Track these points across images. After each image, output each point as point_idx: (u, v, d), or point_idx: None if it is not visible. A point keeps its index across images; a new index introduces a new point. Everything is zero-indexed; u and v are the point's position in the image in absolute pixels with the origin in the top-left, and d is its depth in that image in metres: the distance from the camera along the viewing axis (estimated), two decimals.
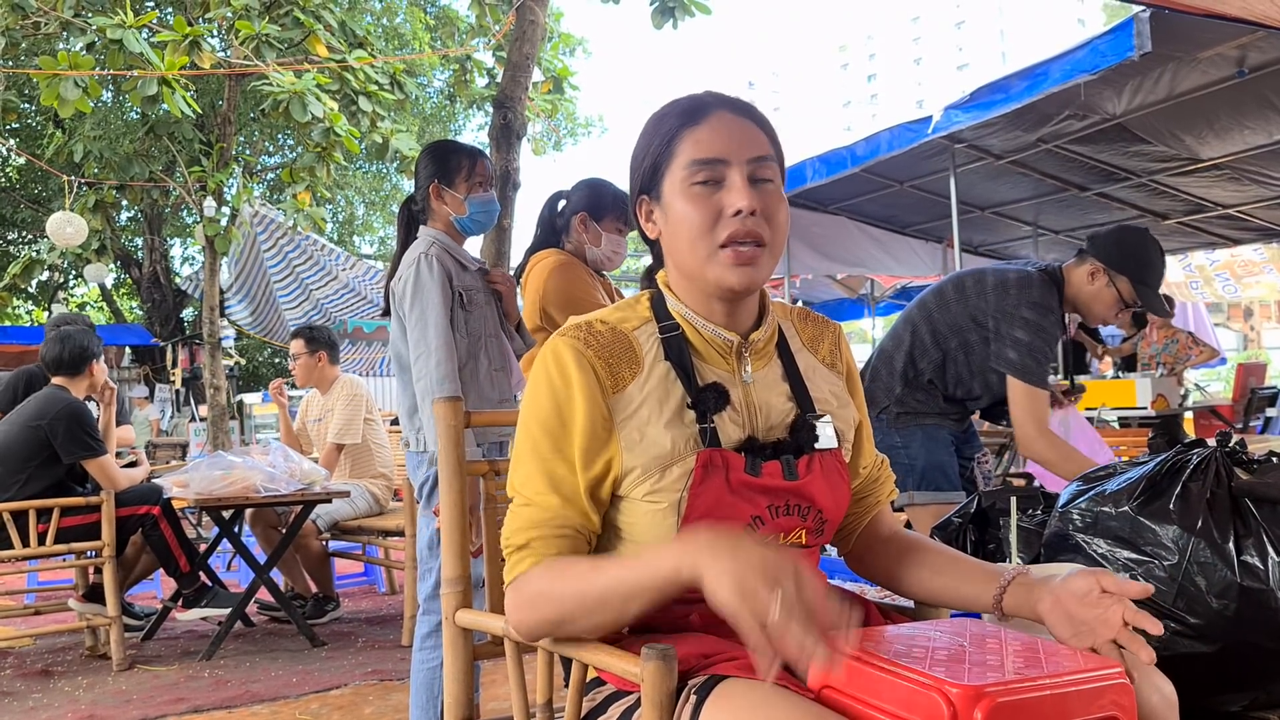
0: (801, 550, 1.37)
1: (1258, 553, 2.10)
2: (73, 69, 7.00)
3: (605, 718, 1.30)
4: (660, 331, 1.36)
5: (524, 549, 1.30)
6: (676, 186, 1.32)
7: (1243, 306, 25.96)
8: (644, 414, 1.30)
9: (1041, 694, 1.01)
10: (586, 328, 1.34)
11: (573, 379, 1.29)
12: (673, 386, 1.32)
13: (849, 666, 1.10)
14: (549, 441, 1.30)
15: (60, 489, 4.21)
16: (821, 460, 1.35)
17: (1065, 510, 2.33)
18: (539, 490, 1.30)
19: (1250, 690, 2.16)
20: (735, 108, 1.34)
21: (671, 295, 1.39)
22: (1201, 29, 4.76)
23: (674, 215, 1.32)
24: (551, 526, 1.29)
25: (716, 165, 1.29)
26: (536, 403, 1.31)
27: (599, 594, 1.21)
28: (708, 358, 1.36)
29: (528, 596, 1.28)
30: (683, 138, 1.32)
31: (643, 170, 1.37)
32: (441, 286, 2.68)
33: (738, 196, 1.28)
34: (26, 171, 16.46)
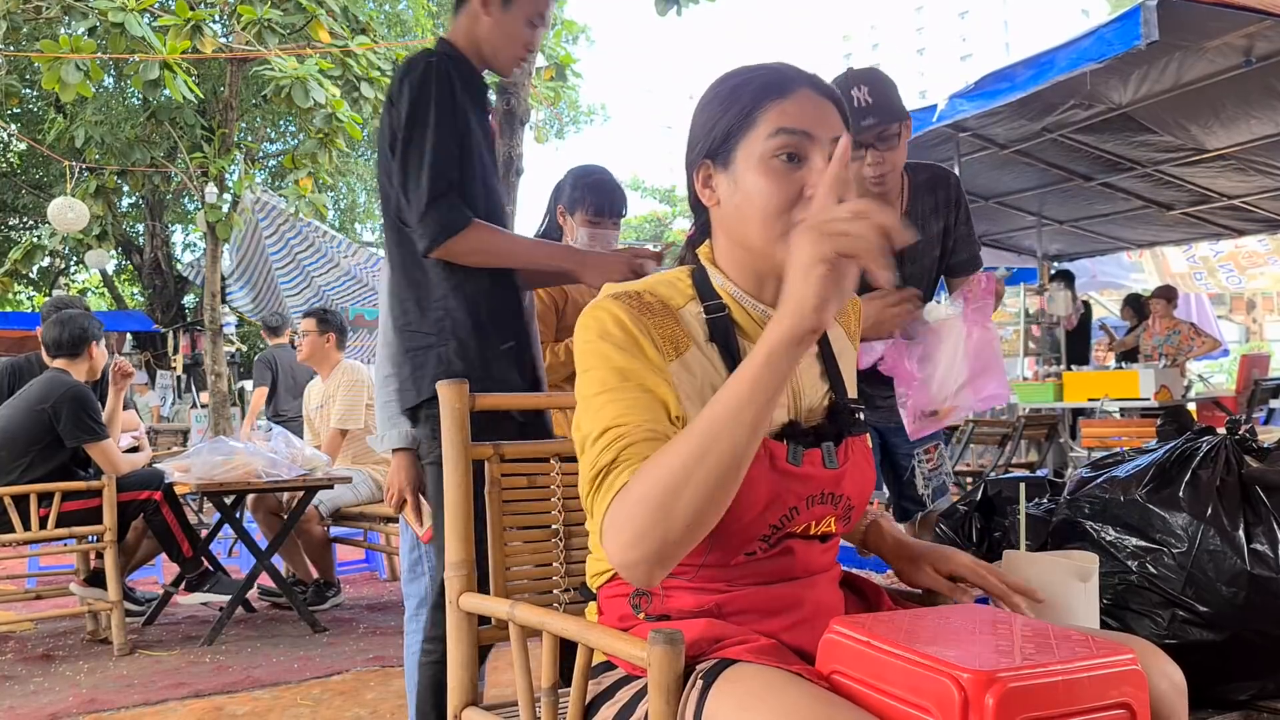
0: (827, 541, 1.36)
1: (1268, 540, 2.10)
2: (74, 53, 6.97)
3: (613, 702, 1.29)
4: (705, 311, 1.32)
5: (614, 465, 1.18)
6: (754, 157, 1.26)
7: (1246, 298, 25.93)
8: (695, 393, 1.26)
9: (1053, 680, 1.00)
10: (638, 297, 1.28)
11: (634, 332, 1.24)
12: (719, 370, 1.29)
13: (858, 651, 1.09)
14: (620, 378, 1.22)
15: (63, 473, 4.20)
16: (854, 446, 1.35)
17: (1074, 497, 2.32)
18: (617, 414, 1.21)
19: (1259, 678, 2.15)
20: (818, 86, 1.30)
21: (717, 271, 1.35)
22: (1209, 18, 4.73)
23: (747, 187, 1.27)
24: (641, 432, 1.19)
25: (803, 139, 1.25)
26: (597, 350, 1.24)
27: (705, 425, 1.09)
28: (754, 337, 1.32)
29: (636, 497, 1.12)
30: (766, 109, 1.27)
31: (712, 135, 1.31)
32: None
33: (820, 178, 1.22)
34: (28, 157, 16.43)
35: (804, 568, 1.33)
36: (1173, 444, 2.33)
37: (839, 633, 1.13)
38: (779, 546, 1.30)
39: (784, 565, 1.31)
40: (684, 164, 1.38)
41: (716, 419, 1.09)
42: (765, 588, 1.30)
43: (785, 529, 1.29)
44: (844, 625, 1.13)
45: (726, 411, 1.09)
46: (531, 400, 2.09)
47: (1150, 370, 7.48)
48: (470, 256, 2.17)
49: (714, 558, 1.26)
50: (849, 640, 1.11)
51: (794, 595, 1.31)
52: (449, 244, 2.14)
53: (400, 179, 2.18)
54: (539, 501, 1.73)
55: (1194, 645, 2.12)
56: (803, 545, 1.32)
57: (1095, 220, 8.90)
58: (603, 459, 1.19)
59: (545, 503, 1.74)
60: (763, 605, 1.29)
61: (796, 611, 1.31)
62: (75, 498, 4.13)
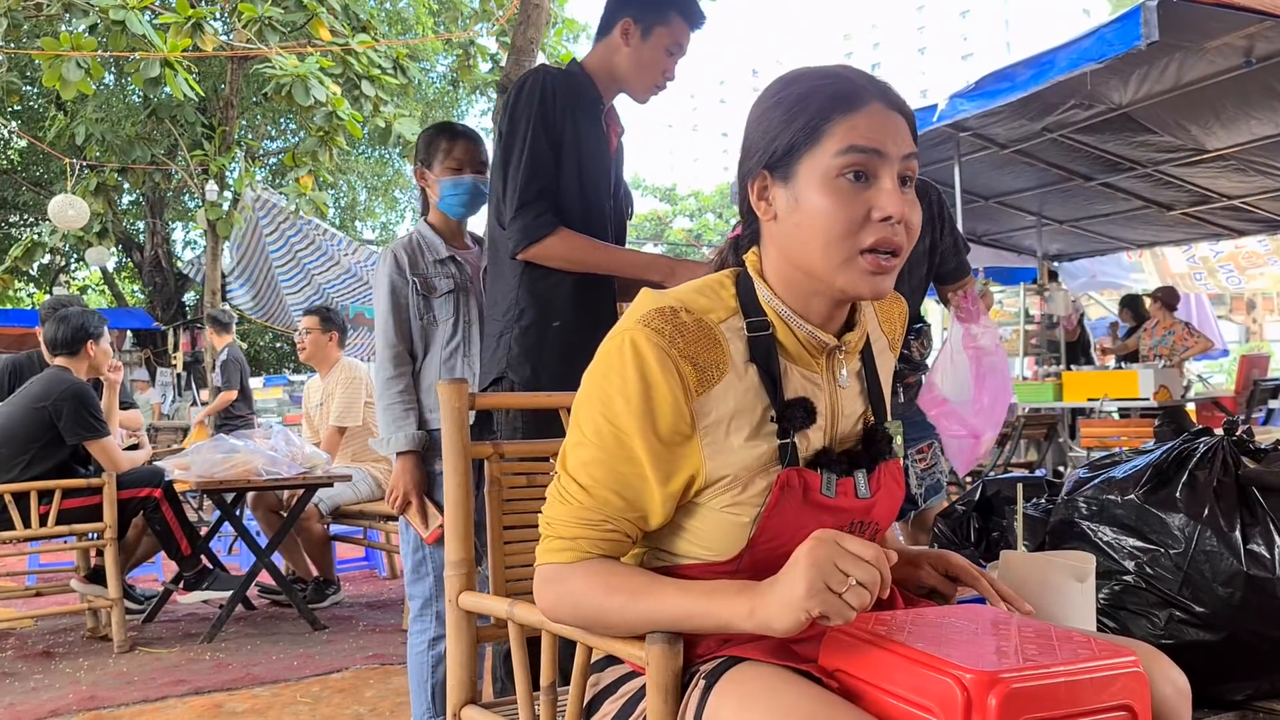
0: None
1: (1264, 541, 2.10)
2: (75, 50, 6.97)
3: (616, 697, 1.29)
4: (748, 329, 1.23)
5: (569, 541, 1.23)
6: (818, 175, 1.18)
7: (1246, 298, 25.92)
8: (727, 421, 1.20)
9: (1055, 681, 1.00)
10: (671, 316, 1.19)
11: (656, 383, 1.17)
12: (758, 393, 1.22)
13: (861, 650, 1.10)
14: (617, 443, 1.19)
15: (63, 470, 4.21)
16: (886, 470, 1.30)
17: (1071, 498, 2.33)
18: (598, 483, 1.21)
19: (1255, 679, 2.16)
20: (889, 99, 1.21)
21: (764, 285, 1.25)
22: (1209, 19, 4.73)
23: (810, 206, 1.18)
24: (603, 529, 1.22)
25: (873, 157, 1.17)
26: (610, 396, 1.19)
27: (646, 614, 1.16)
28: (797, 357, 1.25)
29: (567, 588, 1.22)
30: (835, 123, 1.18)
31: (773, 146, 1.22)
32: (389, 279, 2.77)
33: (889, 201, 1.16)
34: (28, 154, 16.41)
35: None
36: (1170, 445, 2.34)
37: (842, 631, 1.13)
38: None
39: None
40: (737, 169, 1.30)
41: (657, 621, 1.16)
42: None
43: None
44: (847, 625, 1.13)
45: (667, 623, 1.16)
46: (531, 400, 2.10)
47: (1149, 370, 7.48)
48: (554, 261, 2.32)
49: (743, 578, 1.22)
50: (852, 640, 1.12)
51: None
52: (533, 248, 2.30)
53: (499, 184, 2.37)
54: (539, 501, 1.73)
55: (1190, 645, 2.12)
56: None
57: (1095, 220, 8.90)
58: (562, 530, 1.24)
59: (544, 502, 1.74)
60: None
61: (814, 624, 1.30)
62: (75, 495, 4.14)
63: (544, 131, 2.33)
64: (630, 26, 2.42)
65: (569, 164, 2.37)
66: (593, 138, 2.43)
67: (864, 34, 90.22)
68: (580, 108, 2.40)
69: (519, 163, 2.32)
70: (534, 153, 2.32)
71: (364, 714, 3.24)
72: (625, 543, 1.24)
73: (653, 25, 2.43)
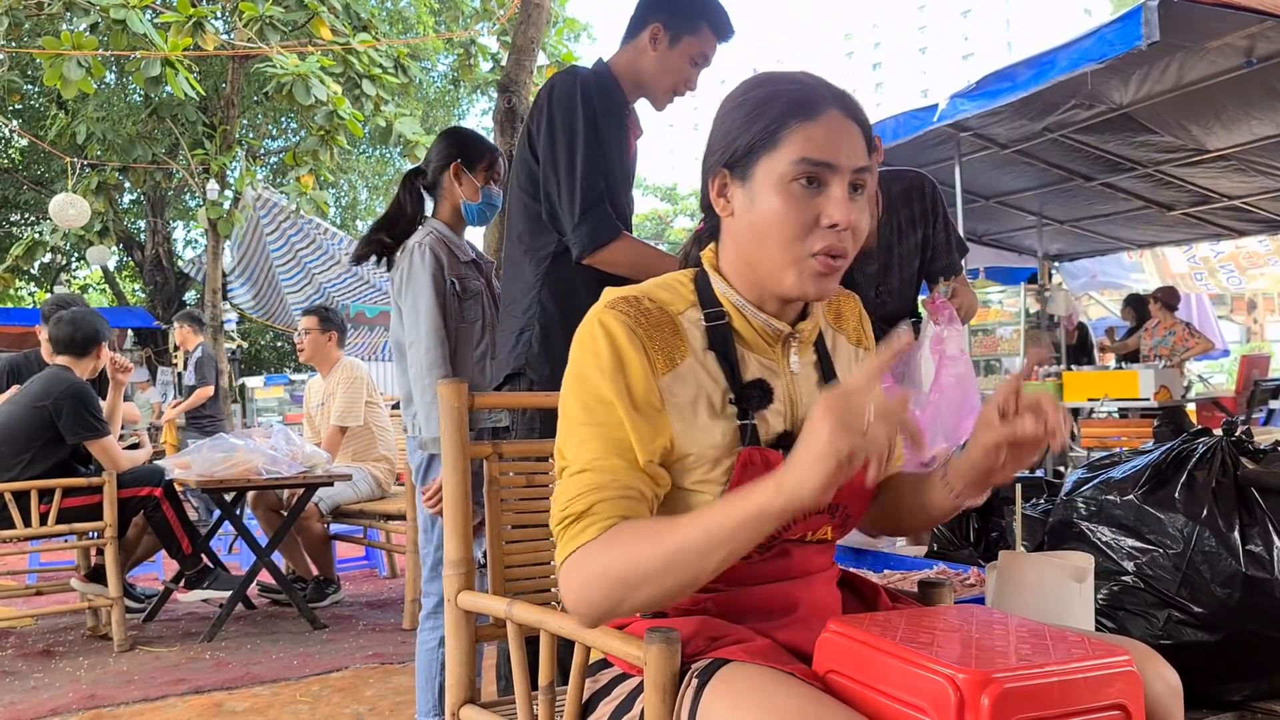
0: (824, 545, 1.37)
1: (1263, 542, 2.10)
2: (76, 49, 6.97)
3: (611, 698, 1.30)
4: (705, 319, 1.30)
5: (585, 516, 1.19)
6: (774, 178, 1.24)
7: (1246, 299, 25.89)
8: (689, 403, 1.26)
9: (1049, 681, 1.01)
10: (636, 303, 1.27)
11: (626, 352, 1.23)
12: (716, 378, 1.28)
13: (854, 651, 1.10)
14: (604, 410, 1.23)
15: (64, 470, 4.21)
16: None
17: (1070, 498, 2.33)
18: (597, 454, 1.22)
19: (1253, 679, 2.16)
20: (846, 107, 1.26)
21: (720, 278, 1.33)
22: (1210, 18, 4.72)
23: (763, 208, 1.24)
24: (616, 488, 1.20)
25: (824, 168, 1.22)
26: (587, 372, 1.24)
27: (675, 548, 1.11)
28: (754, 345, 1.32)
29: (595, 567, 1.17)
30: (792, 129, 1.23)
31: (733, 147, 1.28)
32: (433, 276, 2.74)
33: (836, 209, 1.22)
34: (29, 153, 16.40)
35: (801, 569, 1.34)
36: (1169, 445, 2.34)
37: (835, 632, 1.14)
38: (775, 549, 1.31)
39: (781, 567, 1.32)
40: (700, 165, 1.36)
41: (690, 546, 1.11)
42: (761, 588, 1.31)
43: (781, 537, 1.30)
44: (840, 625, 1.14)
45: (701, 543, 1.10)
46: (531, 399, 2.11)
47: (1150, 371, 7.48)
48: (618, 266, 2.32)
49: None
50: (846, 640, 1.12)
51: (790, 595, 1.32)
52: (601, 253, 2.30)
53: (554, 187, 2.34)
54: (538, 500, 1.74)
55: (1189, 646, 2.12)
56: (799, 548, 1.33)
57: (1096, 220, 8.90)
58: (574, 506, 1.20)
59: (544, 501, 1.74)
60: (758, 604, 1.30)
61: (792, 611, 1.31)
62: (76, 494, 4.15)
63: (594, 134, 2.34)
64: (659, 32, 2.44)
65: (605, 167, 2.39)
66: (620, 140, 2.45)
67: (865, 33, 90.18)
68: (610, 110, 2.42)
69: (575, 166, 2.31)
70: (589, 155, 2.32)
71: (364, 713, 3.25)
72: (644, 502, 1.22)
73: (682, 34, 2.45)
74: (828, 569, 1.40)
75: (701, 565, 1.11)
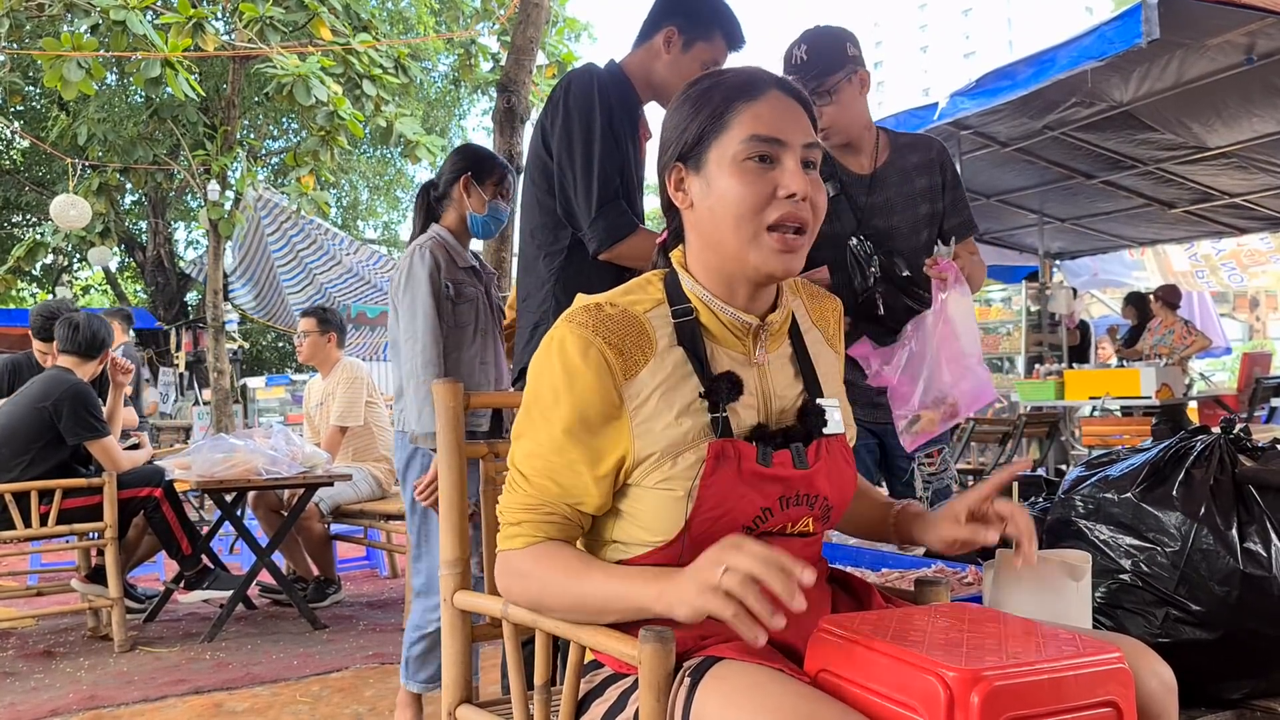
0: (807, 538, 1.36)
1: (1260, 540, 2.10)
2: (76, 50, 6.97)
3: (603, 700, 1.30)
4: (674, 315, 1.32)
5: (516, 526, 1.32)
6: (726, 160, 1.27)
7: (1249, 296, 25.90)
8: (656, 401, 1.27)
9: (1039, 678, 1.01)
10: (595, 310, 1.30)
11: (577, 372, 1.25)
12: (685, 374, 1.29)
13: (845, 649, 1.10)
14: (547, 430, 1.28)
15: (64, 470, 4.21)
16: (829, 446, 1.34)
17: (1068, 496, 2.33)
18: (536, 472, 1.30)
19: (1252, 678, 2.16)
20: (787, 89, 1.31)
21: (687, 275, 1.35)
22: (1210, 16, 4.72)
23: (719, 189, 1.28)
24: (542, 512, 1.30)
25: (774, 144, 1.26)
26: (540, 391, 1.29)
27: (578, 596, 1.25)
28: (722, 339, 1.33)
29: (516, 571, 1.33)
30: (738, 111, 1.28)
31: (684, 139, 1.32)
32: (430, 277, 2.81)
33: (792, 179, 1.26)
34: (31, 154, 16.43)
35: None
36: (1167, 443, 2.33)
37: (827, 631, 1.14)
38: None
39: None
40: (656, 167, 1.39)
41: (588, 603, 1.25)
42: None
43: (760, 529, 1.30)
44: (832, 624, 1.14)
45: (598, 605, 1.24)
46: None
47: (1152, 369, 7.48)
48: (636, 260, 2.33)
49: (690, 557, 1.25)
50: (837, 639, 1.12)
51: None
52: (619, 246, 2.33)
53: (570, 183, 2.37)
54: None
55: (1187, 644, 2.12)
56: (781, 542, 1.32)
57: (1097, 218, 8.89)
58: (507, 515, 1.34)
59: None
60: None
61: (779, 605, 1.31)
62: (76, 495, 4.15)
63: (611, 132, 2.36)
64: (674, 36, 2.46)
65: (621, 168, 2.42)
66: (633, 140, 2.47)
67: (866, 33, 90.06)
68: (624, 110, 2.44)
69: (592, 161, 2.33)
70: (606, 152, 2.35)
71: (364, 713, 3.25)
72: (568, 525, 1.32)
73: (695, 39, 2.47)
74: (814, 563, 1.40)
75: (598, 619, 1.26)
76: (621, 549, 1.33)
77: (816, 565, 1.42)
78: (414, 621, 2.89)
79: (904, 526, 1.50)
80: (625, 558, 1.32)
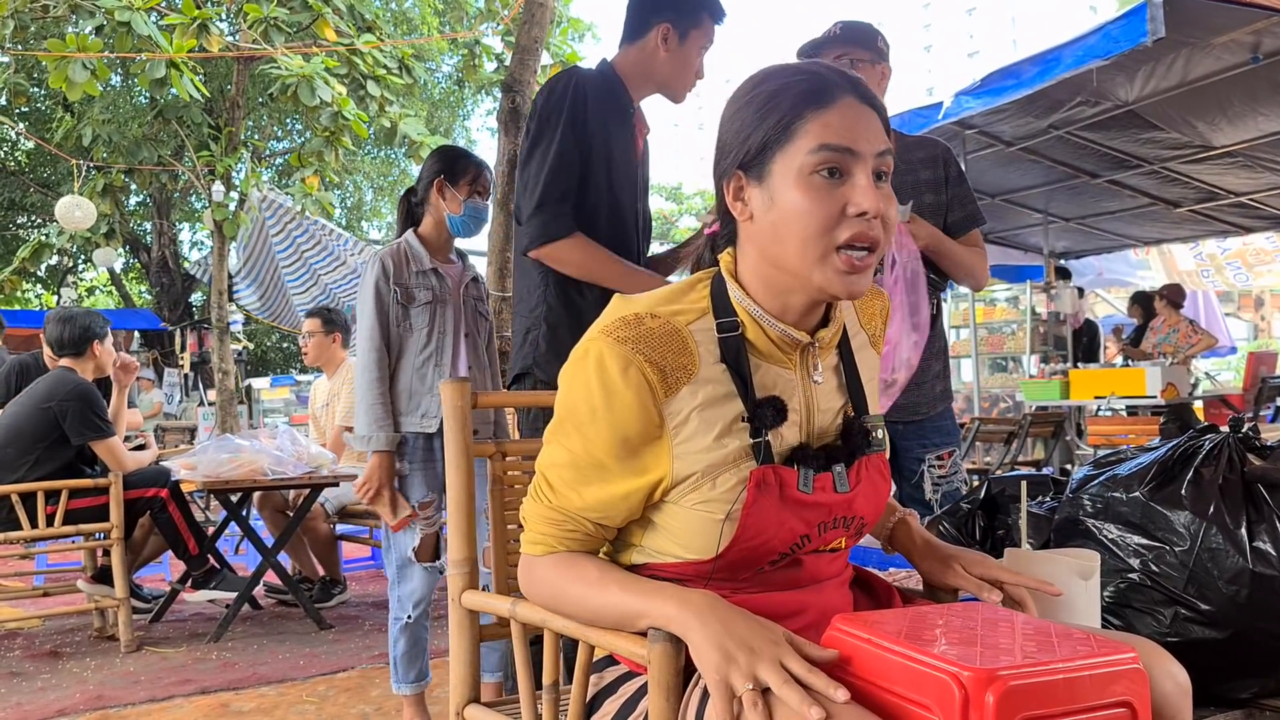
0: (837, 553, 1.35)
1: (1270, 538, 2.09)
2: (81, 52, 6.98)
3: (616, 696, 1.29)
4: (719, 330, 1.24)
5: (539, 535, 1.31)
6: (792, 172, 1.17)
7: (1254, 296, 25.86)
8: (696, 421, 1.21)
9: (1054, 678, 1.00)
10: (636, 323, 1.21)
11: (617, 392, 1.19)
12: (728, 394, 1.22)
13: (859, 649, 1.09)
14: (584, 446, 1.23)
15: (69, 471, 4.21)
16: (868, 464, 1.30)
17: (1076, 495, 2.32)
18: (564, 484, 1.27)
19: (1261, 677, 2.15)
20: (861, 93, 1.20)
21: (737, 286, 1.26)
22: (1215, 14, 4.71)
23: (785, 204, 1.18)
24: (565, 528, 1.29)
25: (846, 154, 1.17)
26: (575, 405, 1.23)
27: (597, 606, 1.24)
28: (769, 355, 1.25)
29: (537, 576, 1.32)
30: (807, 119, 1.17)
31: (746, 146, 1.22)
32: (375, 284, 2.93)
33: (864, 196, 1.16)
34: (35, 155, 16.44)
35: (811, 577, 1.31)
36: (1175, 442, 2.32)
37: (841, 630, 1.13)
38: (786, 560, 1.28)
39: (792, 576, 1.30)
40: (713, 170, 1.29)
41: (601, 615, 1.24)
42: (771, 594, 1.29)
43: (795, 555, 1.27)
44: (846, 623, 1.13)
45: (614, 618, 1.23)
46: (531, 399, 2.10)
47: (1157, 368, 7.46)
48: (564, 265, 2.38)
49: (722, 574, 1.25)
50: (851, 638, 1.11)
51: (800, 601, 1.30)
52: (547, 248, 2.35)
53: (520, 180, 2.42)
54: None
55: (1196, 643, 2.11)
56: (811, 558, 1.30)
57: (1102, 218, 8.88)
58: (533, 524, 1.32)
59: None
60: (767, 610, 1.25)
61: (802, 616, 1.29)
62: (82, 495, 4.15)
63: (572, 133, 2.38)
64: (669, 32, 2.49)
65: (599, 165, 2.43)
66: (622, 139, 2.49)
67: None
68: (611, 109, 2.46)
69: (544, 161, 2.37)
70: (561, 153, 2.37)
71: (369, 713, 3.25)
72: (590, 539, 1.29)
73: (689, 29, 2.51)
74: (840, 574, 1.38)
75: (616, 625, 1.23)
76: (650, 554, 1.30)
77: (843, 573, 1.40)
78: (391, 614, 2.98)
79: (900, 540, 1.52)
80: (652, 562, 1.29)
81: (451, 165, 3.07)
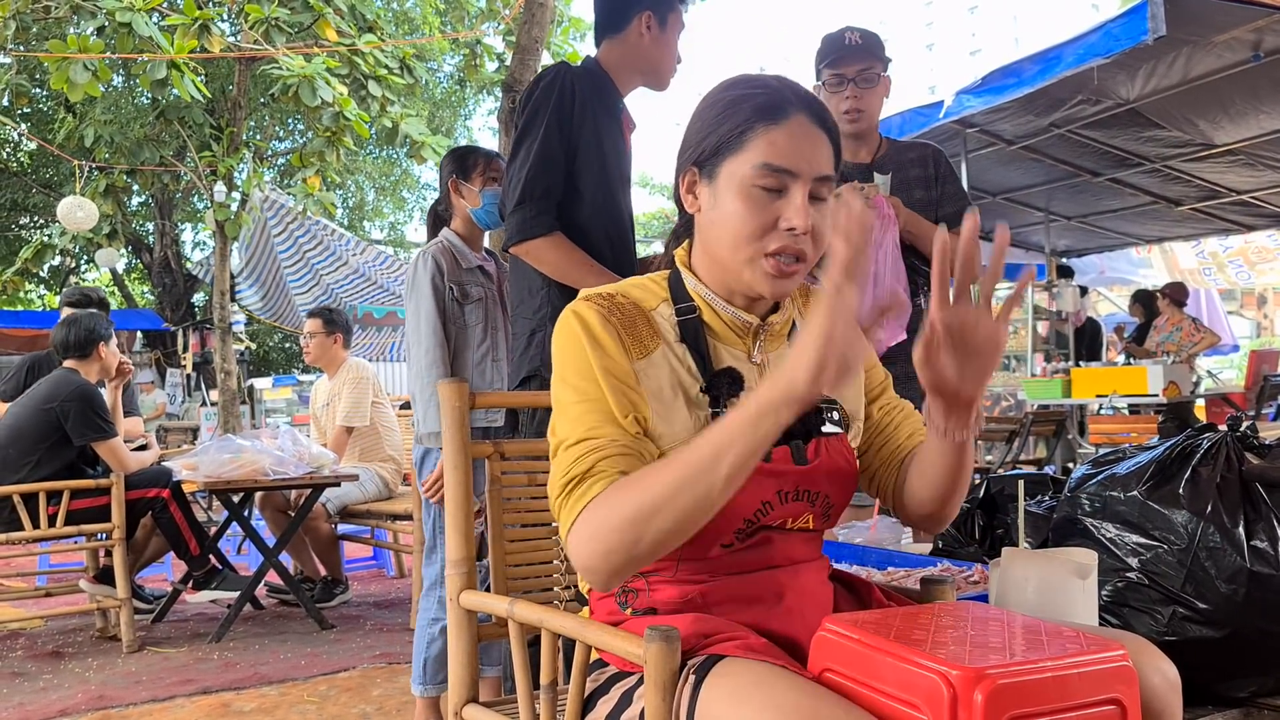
0: (808, 534, 1.37)
1: (1268, 537, 2.09)
2: (82, 53, 6.99)
3: (608, 698, 1.30)
4: (677, 313, 1.35)
5: (589, 475, 1.21)
6: (736, 180, 1.27)
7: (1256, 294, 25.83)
8: (662, 389, 1.30)
9: (1043, 676, 1.01)
10: (609, 298, 1.34)
11: (600, 336, 1.29)
12: (689, 368, 1.32)
13: (849, 648, 1.10)
14: (592, 386, 1.27)
15: (71, 471, 4.22)
16: (828, 445, 1.35)
17: (1074, 494, 2.33)
18: (593, 425, 1.25)
19: (1259, 676, 2.15)
20: (813, 112, 1.29)
21: (691, 275, 1.38)
22: (1217, 12, 4.72)
23: (725, 206, 1.29)
24: (615, 448, 1.23)
25: (785, 175, 1.26)
26: (570, 357, 1.30)
27: (684, 463, 1.12)
28: (724, 337, 1.36)
29: (605, 518, 1.17)
30: (757, 133, 1.27)
31: (702, 145, 1.32)
32: (431, 281, 2.91)
33: (795, 215, 1.25)
34: (38, 156, 16.46)
35: (784, 556, 1.35)
36: (1173, 441, 2.33)
37: (830, 631, 1.14)
38: (756, 538, 1.32)
39: (763, 555, 1.33)
40: (675, 161, 1.39)
41: (695, 463, 1.12)
42: (746, 576, 1.32)
43: (760, 523, 1.31)
44: (835, 623, 1.14)
45: (705, 457, 1.12)
46: (532, 399, 2.10)
47: (1159, 366, 7.46)
48: (540, 264, 2.38)
49: (689, 551, 1.28)
50: (840, 638, 1.12)
51: (776, 582, 1.33)
52: (524, 245, 2.36)
53: (505, 175, 2.44)
54: (539, 499, 1.74)
55: (1194, 642, 2.12)
56: (781, 536, 1.34)
57: (1103, 216, 8.87)
58: (576, 468, 1.22)
59: (545, 500, 1.74)
60: (744, 593, 1.31)
61: (780, 600, 1.32)
62: (84, 495, 4.16)
63: (558, 130, 2.39)
64: (651, 20, 2.51)
65: (590, 161, 2.43)
66: (612, 135, 2.51)
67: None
68: (600, 105, 2.47)
69: (527, 158, 2.37)
70: (545, 151, 2.37)
71: (371, 713, 3.25)
72: (641, 459, 1.24)
73: (666, 14, 2.54)
74: (814, 559, 1.41)
75: (711, 479, 1.11)
76: None
77: (818, 559, 1.42)
78: (431, 615, 2.91)
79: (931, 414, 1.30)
80: None
81: (461, 162, 3.10)
